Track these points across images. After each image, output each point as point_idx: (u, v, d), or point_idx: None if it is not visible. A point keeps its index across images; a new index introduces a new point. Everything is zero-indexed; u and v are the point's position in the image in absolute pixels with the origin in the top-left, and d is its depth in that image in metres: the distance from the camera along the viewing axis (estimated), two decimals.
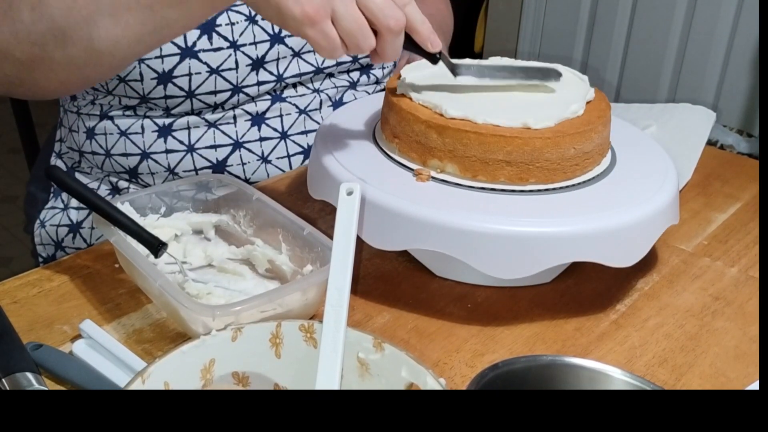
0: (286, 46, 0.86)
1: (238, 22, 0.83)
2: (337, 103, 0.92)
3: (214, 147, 0.86)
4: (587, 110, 0.66)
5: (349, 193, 0.52)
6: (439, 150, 0.63)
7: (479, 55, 1.98)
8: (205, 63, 0.82)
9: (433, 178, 0.64)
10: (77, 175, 0.93)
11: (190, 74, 0.82)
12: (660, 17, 1.63)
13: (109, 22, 0.63)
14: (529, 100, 0.67)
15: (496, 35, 1.95)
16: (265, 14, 0.59)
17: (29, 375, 0.51)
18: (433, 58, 0.65)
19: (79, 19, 0.63)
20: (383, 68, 0.96)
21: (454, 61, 0.69)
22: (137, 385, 0.44)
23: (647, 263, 0.71)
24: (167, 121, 0.86)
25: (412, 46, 0.62)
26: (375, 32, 0.59)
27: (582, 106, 0.65)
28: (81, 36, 0.64)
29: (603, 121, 0.65)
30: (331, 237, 0.51)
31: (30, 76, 0.68)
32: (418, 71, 0.70)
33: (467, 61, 0.73)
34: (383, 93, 0.71)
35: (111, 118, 0.87)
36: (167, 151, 0.86)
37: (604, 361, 0.50)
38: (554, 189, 0.63)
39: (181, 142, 0.86)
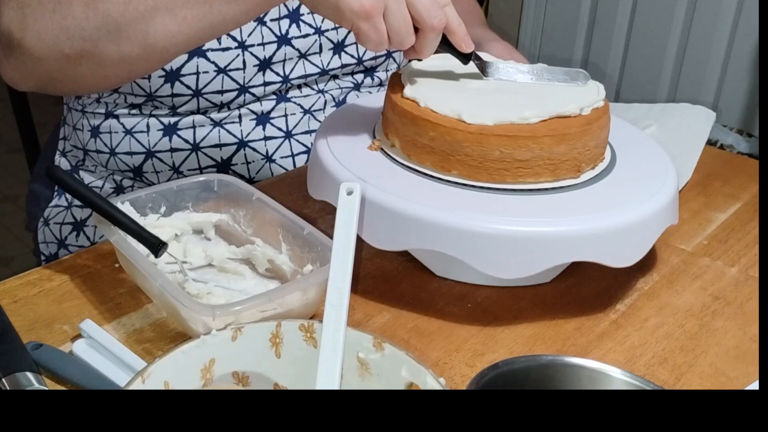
0: (293, 47, 0.87)
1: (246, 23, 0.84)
2: (340, 104, 0.92)
3: (219, 146, 0.87)
4: (551, 123, 0.63)
5: (349, 193, 0.52)
6: (392, 125, 0.66)
7: None
8: (213, 62, 0.83)
9: (435, 177, 0.64)
10: (81, 173, 0.93)
11: (197, 73, 0.82)
12: (660, 17, 1.63)
13: (167, 18, 0.64)
14: (503, 101, 0.66)
15: (496, 33, 1.95)
16: (321, 10, 0.61)
17: (29, 374, 0.51)
18: (466, 59, 0.67)
19: (137, 14, 0.64)
20: (387, 71, 0.97)
21: (485, 57, 0.71)
22: (137, 385, 0.44)
23: (647, 263, 0.71)
24: (173, 119, 0.86)
25: (445, 46, 0.65)
26: (416, 29, 0.61)
27: (537, 116, 0.62)
28: (137, 32, 0.64)
29: (554, 139, 0.62)
30: (331, 237, 0.51)
31: (74, 70, 0.68)
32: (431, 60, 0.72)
33: (500, 61, 0.73)
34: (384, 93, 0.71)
35: (116, 117, 0.87)
36: (172, 150, 0.86)
37: (604, 360, 0.50)
38: (552, 189, 0.63)
39: (186, 141, 0.86)
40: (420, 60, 0.67)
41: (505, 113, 0.62)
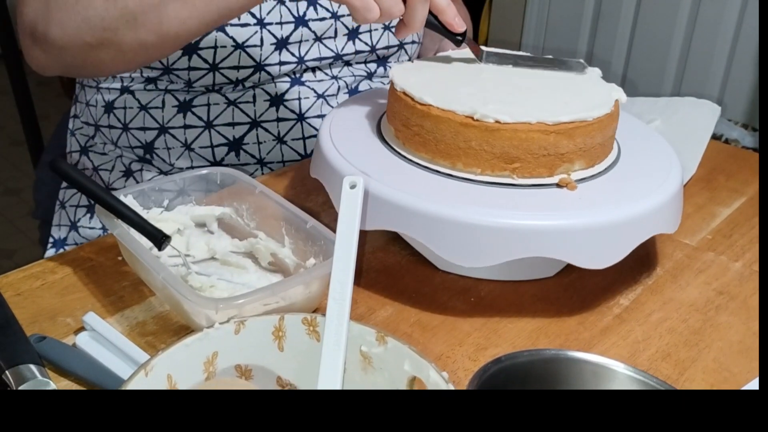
0: (310, 29, 0.88)
1: (266, 1, 0.85)
2: (352, 91, 0.94)
3: (232, 125, 0.88)
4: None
5: (353, 187, 0.52)
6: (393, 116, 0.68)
7: None
8: (231, 37, 0.84)
9: (432, 170, 0.64)
10: (90, 154, 0.94)
11: (215, 47, 0.84)
12: (665, 10, 1.63)
13: (179, 5, 0.69)
14: (526, 99, 0.66)
15: (500, 27, 1.94)
16: None
17: (33, 367, 0.51)
18: (457, 41, 0.69)
19: (152, 4, 0.69)
20: (399, 62, 0.97)
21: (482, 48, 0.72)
22: (140, 378, 0.44)
23: (651, 257, 0.71)
24: (188, 96, 0.87)
25: (437, 27, 0.67)
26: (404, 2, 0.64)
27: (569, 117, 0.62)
28: (152, 20, 0.69)
29: (591, 128, 0.63)
30: (334, 230, 0.51)
31: (96, 57, 0.73)
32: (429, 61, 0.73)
33: (493, 49, 0.74)
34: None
35: (132, 93, 0.89)
36: (185, 127, 0.87)
37: (608, 355, 0.49)
38: (555, 184, 0.63)
39: (200, 118, 0.87)
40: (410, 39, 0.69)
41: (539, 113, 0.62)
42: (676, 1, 1.61)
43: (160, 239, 0.61)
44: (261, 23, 0.85)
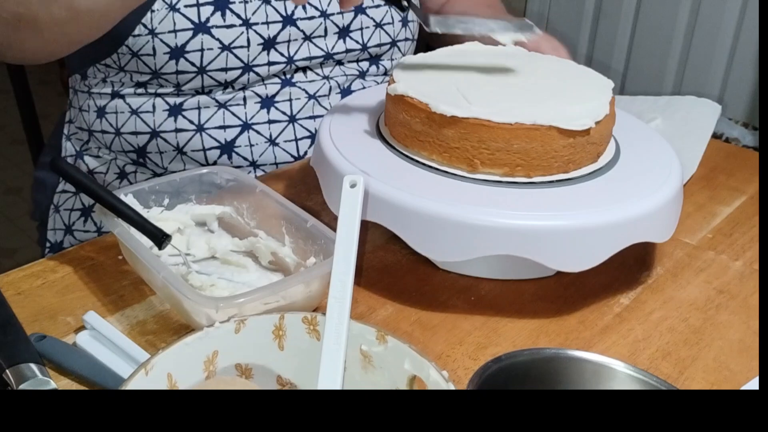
0: (298, 28, 0.88)
1: (251, 1, 0.85)
2: (345, 91, 0.93)
3: (223, 127, 0.88)
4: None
5: (353, 186, 0.52)
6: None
7: None
8: (218, 39, 0.84)
9: (433, 168, 0.64)
10: (86, 157, 0.94)
11: (202, 50, 0.83)
12: (666, 9, 1.63)
13: None
14: (519, 99, 0.66)
15: None
16: None
17: (33, 366, 0.51)
18: (400, 5, 0.70)
19: None
20: (392, 60, 0.97)
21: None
22: (140, 377, 0.44)
23: (651, 256, 0.71)
24: (178, 100, 0.87)
25: None
26: None
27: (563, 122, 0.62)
28: None
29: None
30: (334, 229, 0.51)
31: (17, 36, 0.74)
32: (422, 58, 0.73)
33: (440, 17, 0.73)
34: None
35: (122, 97, 0.89)
36: (177, 130, 0.87)
37: (608, 354, 0.49)
38: (556, 182, 0.63)
39: (191, 122, 0.87)
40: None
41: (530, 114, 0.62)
42: (676, 1, 1.61)
43: (160, 238, 0.61)
44: (247, 23, 0.84)
